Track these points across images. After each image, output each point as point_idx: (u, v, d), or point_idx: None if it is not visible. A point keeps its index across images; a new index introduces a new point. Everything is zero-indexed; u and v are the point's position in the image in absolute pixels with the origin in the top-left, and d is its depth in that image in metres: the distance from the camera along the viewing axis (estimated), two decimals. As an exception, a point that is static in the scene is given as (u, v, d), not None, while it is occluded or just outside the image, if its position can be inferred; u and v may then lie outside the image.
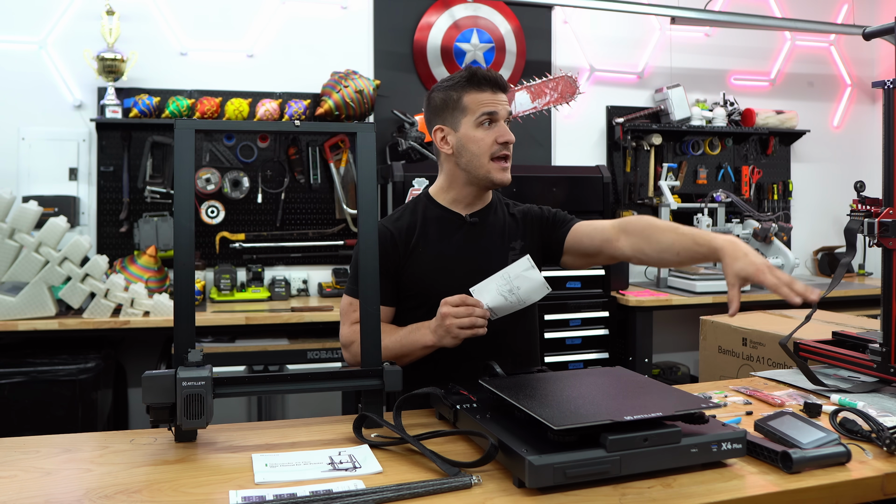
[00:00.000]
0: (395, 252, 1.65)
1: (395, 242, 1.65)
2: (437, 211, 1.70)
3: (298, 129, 1.43)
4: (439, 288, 1.57)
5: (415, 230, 1.67)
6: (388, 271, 1.62)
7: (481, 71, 1.63)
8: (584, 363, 3.44)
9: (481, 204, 1.71)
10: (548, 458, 1.05)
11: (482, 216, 1.70)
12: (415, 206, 1.73)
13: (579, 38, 4.14)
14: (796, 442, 1.20)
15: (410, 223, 1.68)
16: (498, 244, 1.68)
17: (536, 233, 1.73)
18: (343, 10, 3.77)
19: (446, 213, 1.69)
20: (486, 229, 1.69)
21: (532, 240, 1.72)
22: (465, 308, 1.46)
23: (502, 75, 1.69)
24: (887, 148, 1.56)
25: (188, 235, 1.32)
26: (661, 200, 3.91)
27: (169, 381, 1.23)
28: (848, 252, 1.68)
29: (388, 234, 1.65)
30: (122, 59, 3.33)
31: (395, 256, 1.65)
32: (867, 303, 3.63)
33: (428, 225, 1.68)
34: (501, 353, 1.54)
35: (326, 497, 1.04)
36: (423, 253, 1.66)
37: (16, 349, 2.87)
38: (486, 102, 1.61)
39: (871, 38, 1.88)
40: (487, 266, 1.58)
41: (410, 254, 1.65)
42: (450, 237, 1.67)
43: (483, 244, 1.67)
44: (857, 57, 4.69)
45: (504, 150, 1.61)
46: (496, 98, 1.62)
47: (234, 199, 3.54)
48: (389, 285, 1.63)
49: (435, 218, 1.69)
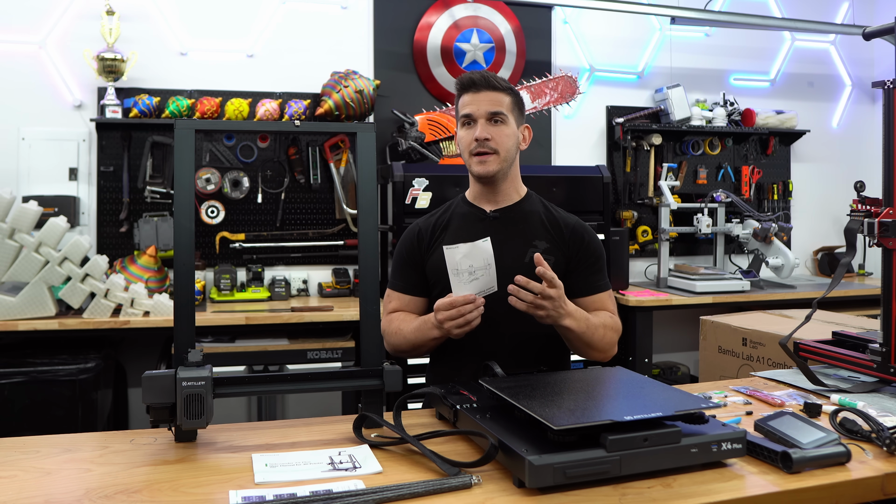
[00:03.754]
0: (420, 245, 1.78)
1: (421, 237, 1.79)
2: (465, 208, 1.80)
3: (298, 129, 1.43)
4: None
5: (441, 225, 1.79)
6: (415, 263, 1.78)
7: (465, 75, 1.72)
8: (584, 363, 3.43)
9: (506, 201, 1.76)
10: (548, 458, 1.05)
11: (505, 213, 1.75)
12: (450, 204, 1.85)
13: (579, 38, 4.13)
14: (796, 442, 1.20)
15: (439, 219, 1.81)
16: (519, 240, 1.71)
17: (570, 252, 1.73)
18: (343, 9, 3.77)
19: (472, 209, 1.78)
20: (509, 225, 1.73)
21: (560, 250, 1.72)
22: (455, 310, 1.52)
23: (488, 73, 1.70)
24: (887, 148, 1.56)
25: (188, 235, 1.32)
26: (661, 200, 3.91)
27: (169, 381, 1.23)
28: (848, 252, 1.68)
29: (415, 230, 1.81)
30: (122, 59, 3.33)
31: (420, 250, 1.78)
32: (867, 303, 3.62)
33: (453, 220, 1.79)
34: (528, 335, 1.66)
35: (326, 497, 1.04)
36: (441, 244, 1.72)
37: (16, 349, 2.87)
38: (465, 105, 1.71)
39: (871, 38, 1.88)
40: (505, 260, 1.61)
41: (433, 247, 1.76)
42: (471, 231, 1.71)
43: (503, 239, 1.69)
44: (857, 57, 4.69)
45: (479, 147, 1.68)
46: (476, 98, 1.69)
47: (234, 199, 3.54)
48: (417, 277, 1.77)
49: (462, 214, 1.79)
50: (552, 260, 1.67)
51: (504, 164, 1.70)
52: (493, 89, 1.69)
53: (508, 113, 1.70)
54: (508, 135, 1.70)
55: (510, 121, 1.70)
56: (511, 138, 1.71)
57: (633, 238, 4.13)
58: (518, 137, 1.74)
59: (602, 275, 1.76)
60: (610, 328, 1.69)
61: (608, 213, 3.50)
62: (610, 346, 1.70)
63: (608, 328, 1.68)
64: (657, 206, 3.94)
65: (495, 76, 1.72)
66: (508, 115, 1.70)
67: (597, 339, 1.64)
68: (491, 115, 1.68)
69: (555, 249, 1.71)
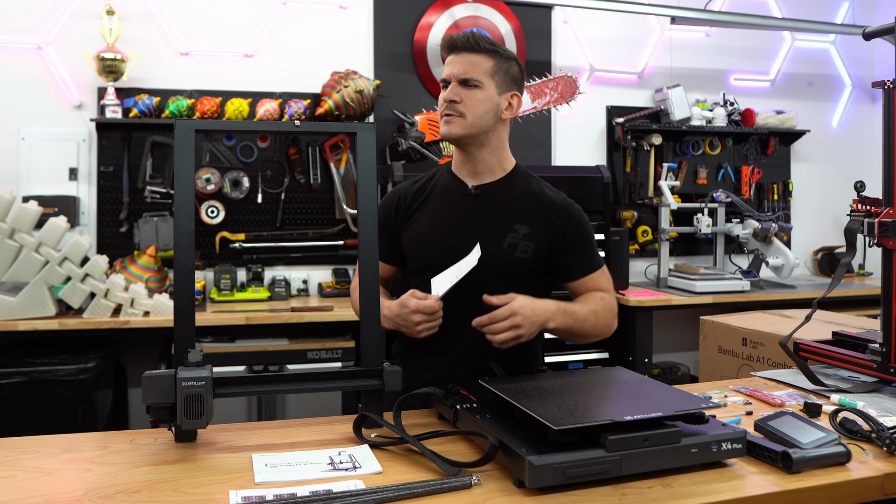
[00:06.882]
0: (398, 214, 1.73)
1: (399, 205, 1.73)
2: (448, 179, 1.72)
3: (298, 129, 1.43)
4: (433, 254, 1.64)
5: (421, 195, 1.72)
6: (391, 230, 1.72)
7: (449, 35, 1.66)
8: (584, 363, 3.44)
9: (489, 176, 1.68)
10: (548, 458, 1.05)
11: (487, 189, 1.67)
12: (434, 172, 1.77)
13: (579, 38, 4.13)
14: (796, 442, 1.20)
15: (421, 187, 1.74)
16: (500, 222, 1.64)
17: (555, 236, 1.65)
18: (343, 9, 3.77)
19: (454, 181, 1.70)
20: (490, 203, 1.65)
21: (543, 235, 1.64)
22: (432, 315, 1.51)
23: (476, 34, 1.63)
24: (887, 148, 1.56)
25: (188, 235, 1.32)
26: (661, 200, 3.91)
27: (169, 381, 1.23)
28: (848, 252, 1.68)
29: (395, 196, 1.75)
30: (122, 59, 3.33)
31: (397, 218, 1.73)
32: (867, 303, 3.62)
33: (434, 191, 1.72)
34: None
35: (326, 497, 1.04)
36: (421, 217, 1.70)
37: (16, 349, 2.87)
38: (445, 67, 1.66)
39: (871, 38, 1.88)
40: (483, 242, 1.56)
41: (410, 217, 1.71)
42: (450, 206, 1.67)
43: (482, 218, 1.64)
44: (857, 57, 4.69)
45: (448, 108, 1.62)
46: (454, 60, 1.64)
47: (234, 199, 3.54)
48: (391, 244, 1.72)
49: (444, 186, 1.72)
50: (532, 246, 1.62)
51: (472, 129, 1.61)
52: (472, 51, 1.62)
53: (485, 77, 1.61)
54: (481, 99, 1.60)
55: (487, 86, 1.61)
56: (483, 103, 1.60)
57: (633, 238, 4.13)
58: (497, 104, 1.63)
59: (592, 253, 1.68)
60: (602, 311, 1.63)
61: (608, 213, 3.50)
62: (605, 328, 1.65)
63: (599, 313, 1.62)
64: (657, 206, 3.94)
65: (483, 37, 1.63)
66: (485, 80, 1.60)
67: (588, 328, 1.61)
68: (464, 79, 1.60)
69: (536, 234, 1.63)
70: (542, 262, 1.65)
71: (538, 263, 1.65)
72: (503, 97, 1.65)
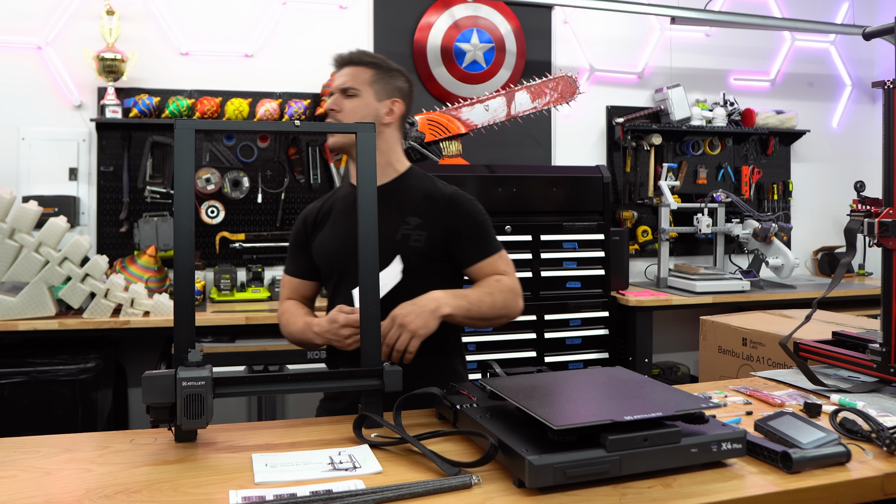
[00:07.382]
0: (306, 230, 1.84)
1: (307, 222, 1.85)
2: (346, 189, 1.81)
3: (298, 129, 1.43)
4: (336, 258, 1.74)
5: (324, 208, 1.83)
6: (304, 247, 1.83)
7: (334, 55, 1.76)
8: (584, 363, 3.43)
9: (382, 178, 1.71)
10: (548, 458, 1.05)
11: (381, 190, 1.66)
12: (339, 187, 1.88)
13: (579, 38, 4.14)
14: (796, 442, 1.19)
15: (325, 203, 1.85)
16: (393, 216, 1.68)
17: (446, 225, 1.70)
18: (343, 10, 3.77)
19: (351, 189, 1.75)
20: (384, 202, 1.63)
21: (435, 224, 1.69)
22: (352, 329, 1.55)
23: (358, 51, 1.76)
24: (887, 148, 1.56)
25: (188, 235, 1.32)
26: (661, 200, 3.91)
27: (169, 381, 1.23)
28: (848, 252, 1.68)
29: (304, 214, 1.87)
30: (122, 59, 3.33)
31: (306, 233, 1.84)
32: (867, 303, 3.63)
33: (336, 202, 1.82)
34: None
35: (326, 497, 1.04)
36: (326, 228, 1.79)
37: (16, 349, 2.87)
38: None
39: (871, 38, 1.88)
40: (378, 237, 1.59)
41: (317, 230, 1.81)
42: (351, 214, 1.67)
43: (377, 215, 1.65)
44: (857, 57, 4.69)
45: (329, 118, 1.73)
46: (339, 74, 1.74)
47: (234, 199, 3.54)
48: (307, 261, 1.83)
49: (343, 195, 1.82)
50: (424, 235, 1.67)
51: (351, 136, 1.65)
52: (354, 64, 1.73)
53: (364, 86, 1.70)
54: (356, 106, 1.69)
55: (365, 93, 1.70)
56: (359, 110, 1.69)
57: (633, 238, 4.13)
58: (376, 110, 1.71)
59: (486, 240, 1.72)
60: (498, 292, 1.65)
61: (608, 213, 3.50)
62: (505, 308, 1.65)
63: (495, 294, 1.64)
64: (657, 206, 3.94)
65: (364, 52, 1.75)
66: (363, 88, 1.70)
67: (486, 309, 1.62)
68: (343, 88, 1.71)
69: (429, 224, 1.69)
70: (437, 250, 1.70)
71: (433, 251, 1.70)
72: (383, 104, 1.73)
